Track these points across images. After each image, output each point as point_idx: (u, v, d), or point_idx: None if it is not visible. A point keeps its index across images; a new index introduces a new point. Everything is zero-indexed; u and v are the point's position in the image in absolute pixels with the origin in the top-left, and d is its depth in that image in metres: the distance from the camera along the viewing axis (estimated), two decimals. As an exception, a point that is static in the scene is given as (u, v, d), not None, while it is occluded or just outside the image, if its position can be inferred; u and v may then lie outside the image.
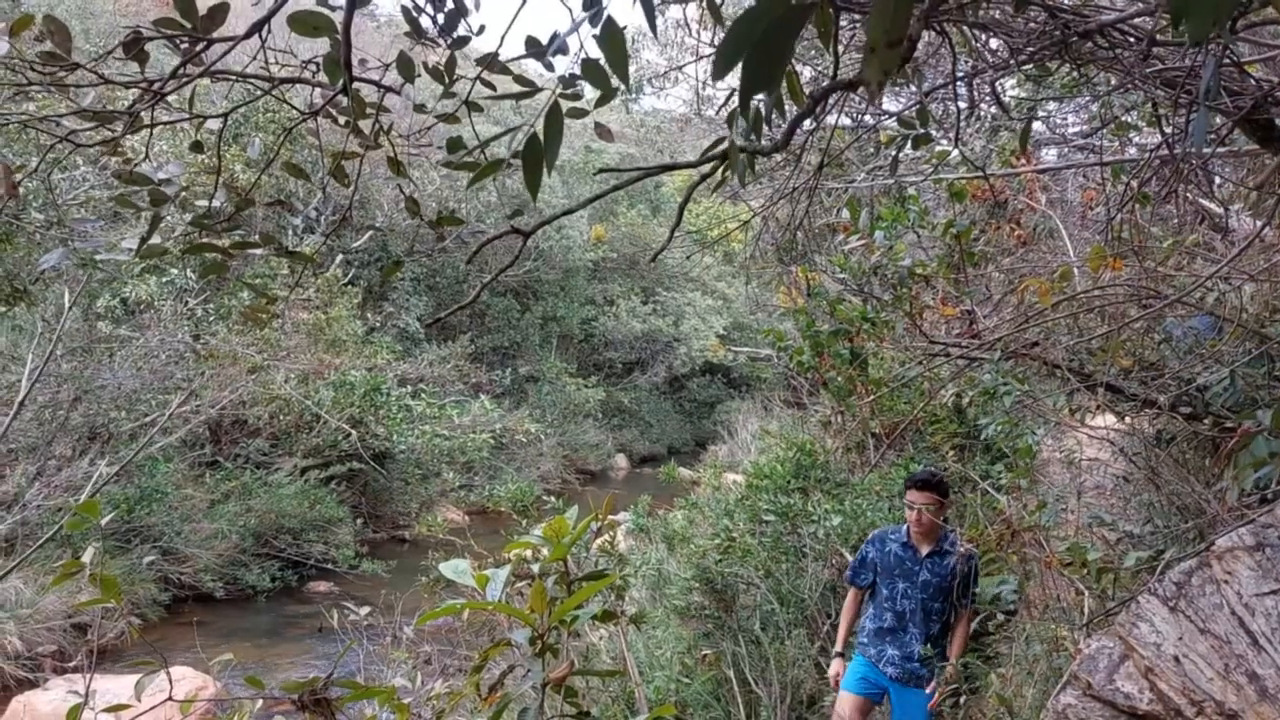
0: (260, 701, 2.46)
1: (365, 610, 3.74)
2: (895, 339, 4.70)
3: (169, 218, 2.09)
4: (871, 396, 5.55)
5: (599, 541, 5.12)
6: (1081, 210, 5.49)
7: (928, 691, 4.43)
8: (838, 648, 4.82)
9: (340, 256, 15.92)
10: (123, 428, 12.47)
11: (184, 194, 1.93)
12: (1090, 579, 3.91)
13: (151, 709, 1.53)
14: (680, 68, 7.54)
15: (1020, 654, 4.78)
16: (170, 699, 1.58)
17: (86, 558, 1.52)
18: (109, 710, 1.54)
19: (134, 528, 12.08)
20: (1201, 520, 3.95)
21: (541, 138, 1.21)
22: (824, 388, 6.07)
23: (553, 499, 6.79)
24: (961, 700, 4.60)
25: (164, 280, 13.52)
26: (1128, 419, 4.66)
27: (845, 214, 4.41)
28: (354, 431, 15.27)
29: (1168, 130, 3.16)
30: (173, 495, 12.80)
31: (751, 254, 6.72)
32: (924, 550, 4.57)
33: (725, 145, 1.59)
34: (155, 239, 2.07)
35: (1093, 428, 4.72)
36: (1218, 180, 4.69)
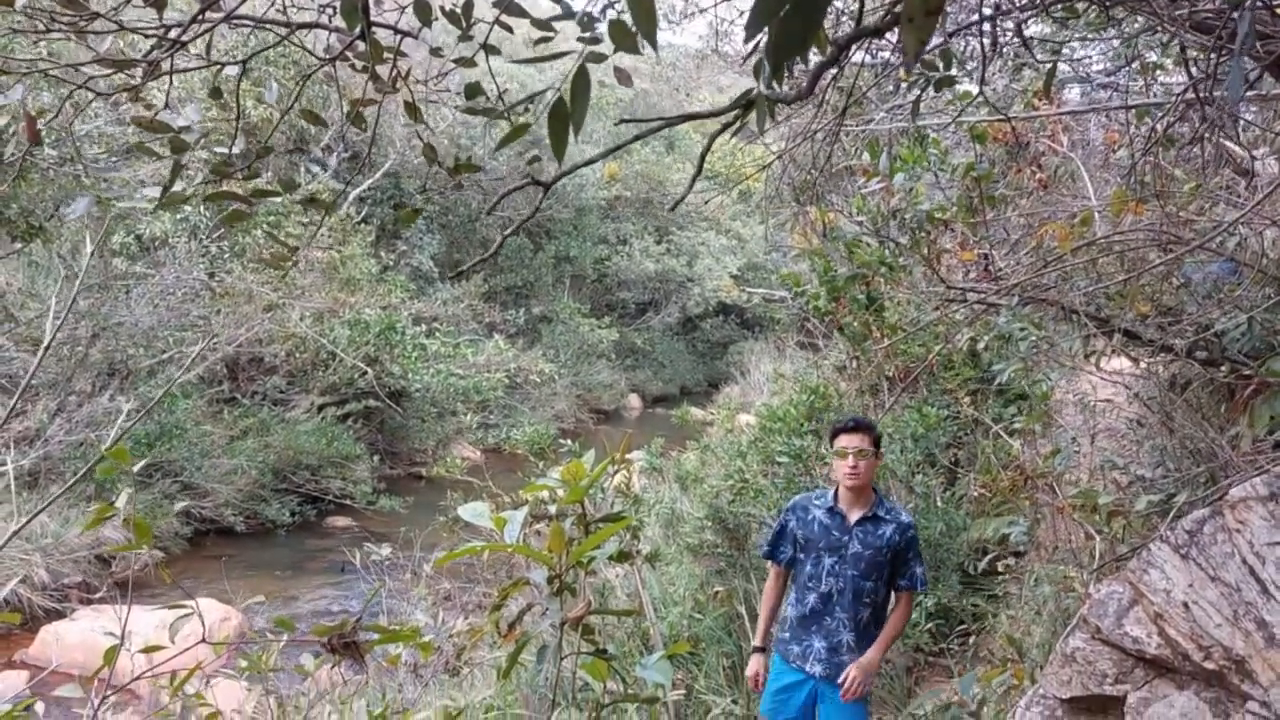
0: (285, 637, 2.52)
1: (386, 550, 3.81)
2: (912, 283, 4.67)
3: (188, 159, 2.09)
4: (887, 341, 5.54)
5: (615, 482, 5.18)
6: (1104, 152, 5.42)
7: (839, 681, 3.69)
8: (757, 641, 4.05)
9: (354, 194, 15.87)
10: (141, 364, 12.59)
11: (203, 140, 1.93)
12: (1101, 523, 3.95)
13: (185, 651, 1.58)
14: (698, 4, 7.41)
15: (1029, 595, 4.85)
16: (204, 640, 1.63)
17: (120, 502, 1.56)
18: (145, 651, 1.59)
19: (155, 463, 12.27)
20: (1214, 464, 3.97)
21: (568, 101, 1.21)
22: (840, 332, 6.06)
23: (568, 442, 6.85)
24: (971, 640, 4.66)
25: (178, 218, 13.53)
26: (1143, 363, 4.65)
27: (865, 156, 4.36)
28: (370, 370, 15.37)
29: (1195, 73, 3.10)
30: (192, 431, 12.97)
31: (769, 194, 6.67)
32: (853, 516, 3.81)
33: (752, 95, 1.58)
34: (176, 184, 2.08)
35: (1107, 372, 4.71)
36: (1242, 124, 4.61)
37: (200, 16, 1.71)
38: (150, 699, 5.00)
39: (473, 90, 2.16)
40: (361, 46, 2.04)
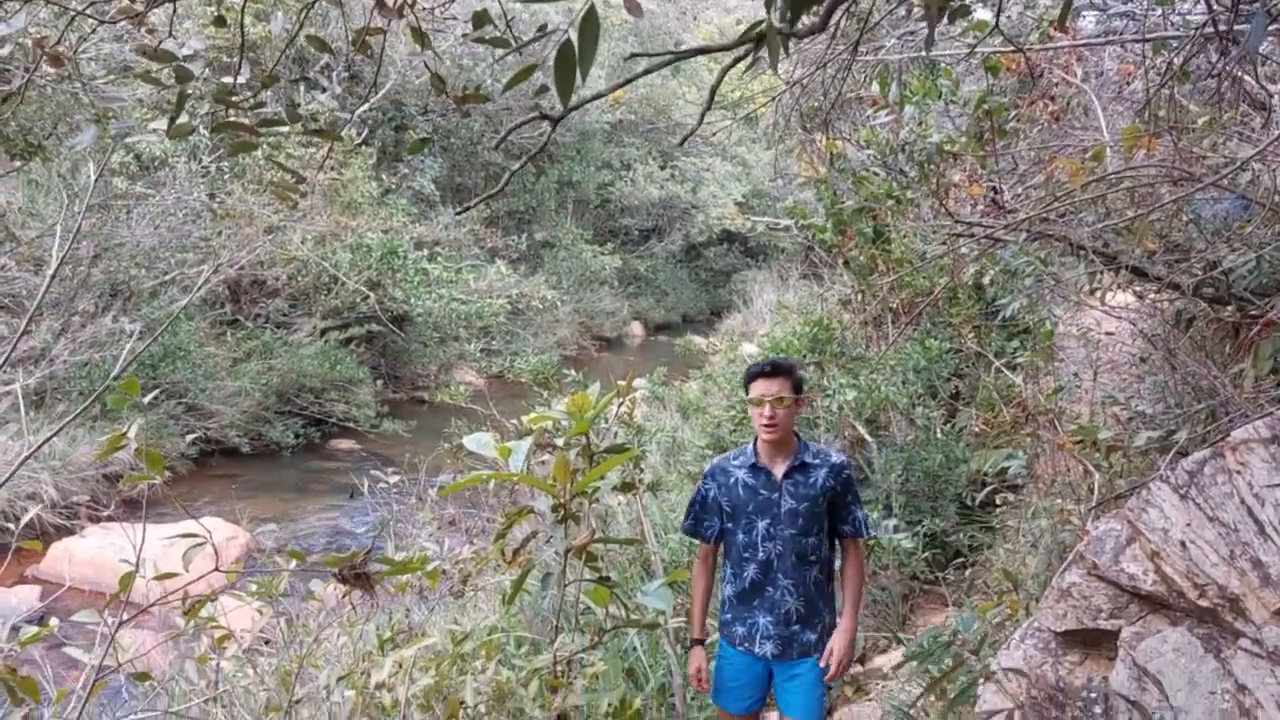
0: (294, 565, 2.57)
1: (394, 479, 3.85)
2: (919, 217, 4.63)
3: (193, 87, 2.07)
4: (893, 276, 5.52)
5: (618, 412, 5.21)
6: (1118, 85, 5.32)
7: (821, 664, 3.33)
8: (694, 633, 3.53)
9: (356, 114, 15.64)
10: (143, 285, 12.57)
11: (206, 70, 1.90)
12: (1100, 458, 3.99)
13: (200, 579, 1.61)
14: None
15: (1026, 528, 4.92)
16: (217, 569, 1.66)
17: (131, 433, 1.58)
18: (159, 578, 1.62)
19: (159, 384, 12.34)
20: (1215, 402, 3.99)
21: (576, 43, 1.18)
22: (845, 265, 6.03)
23: (571, 371, 6.88)
24: (967, 572, 4.73)
25: (177, 137, 13.36)
26: (1149, 298, 4.64)
27: (875, 87, 4.29)
28: (372, 294, 15.35)
29: (1215, 5, 3.03)
30: (196, 353, 13.02)
31: (775, 121, 6.58)
32: (779, 470, 3.37)
33: (763, 27, 1.54)
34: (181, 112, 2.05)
35: (1112, 307, 4.70)
36: (1260, 57, 4.51)
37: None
38: (161, 616, 5.11)
39: (480, 19, 2.12)
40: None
